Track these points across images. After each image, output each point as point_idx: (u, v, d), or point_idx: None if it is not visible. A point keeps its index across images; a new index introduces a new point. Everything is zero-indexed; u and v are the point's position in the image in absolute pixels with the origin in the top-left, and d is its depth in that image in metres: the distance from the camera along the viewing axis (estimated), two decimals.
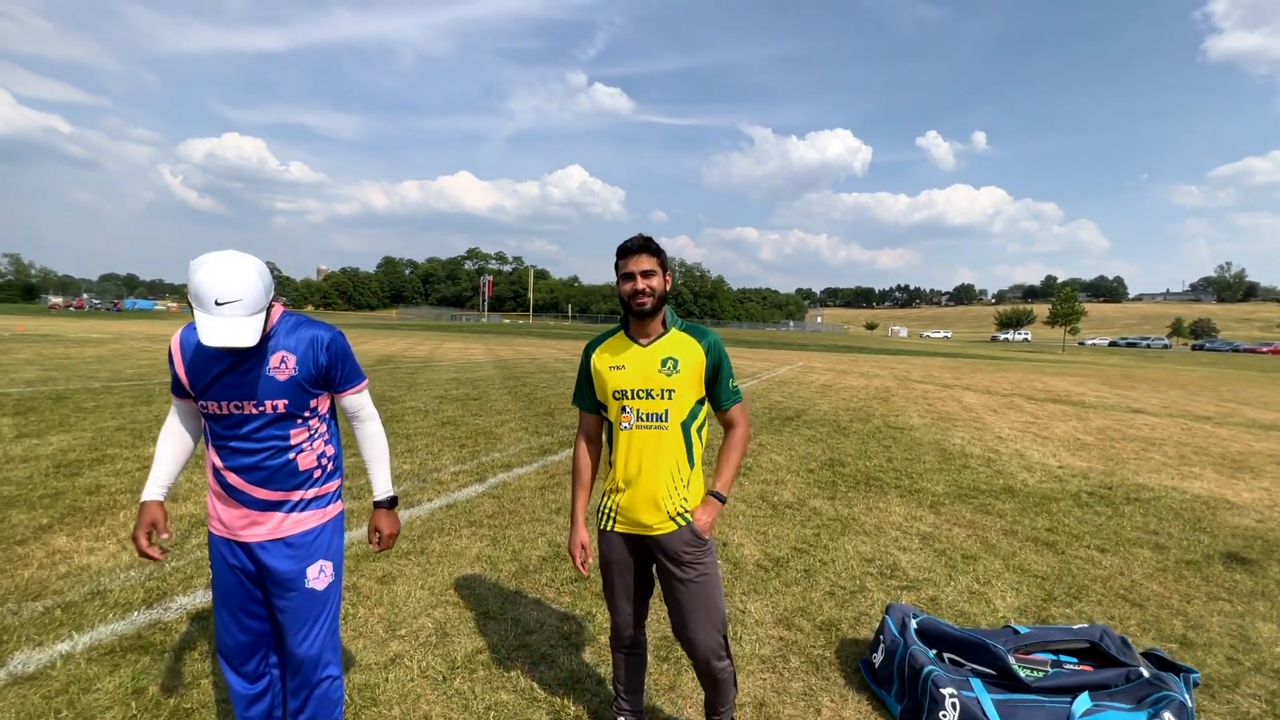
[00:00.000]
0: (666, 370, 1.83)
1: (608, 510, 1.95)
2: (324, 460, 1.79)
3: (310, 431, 1.75)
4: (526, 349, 23.47)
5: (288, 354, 1.67)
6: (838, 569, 3.61)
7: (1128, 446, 8.01)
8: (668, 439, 1.84)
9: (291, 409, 1.69)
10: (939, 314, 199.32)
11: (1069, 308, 59.12)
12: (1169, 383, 19.91)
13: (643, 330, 1.89)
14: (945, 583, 3.48)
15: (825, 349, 36.18)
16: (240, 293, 1.48)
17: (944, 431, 8.52)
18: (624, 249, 1.83)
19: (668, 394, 1.83)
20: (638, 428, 1.84)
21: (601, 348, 1.96)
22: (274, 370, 1.65)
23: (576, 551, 1.96)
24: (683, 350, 1.86)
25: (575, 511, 1.99)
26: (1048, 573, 3.69)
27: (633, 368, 1.86)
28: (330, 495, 1.82)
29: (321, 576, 1.77)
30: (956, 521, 4.59)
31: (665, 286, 1.85)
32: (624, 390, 1.86)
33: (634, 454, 1.85)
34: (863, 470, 6.03)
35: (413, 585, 3.13)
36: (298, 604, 1.74)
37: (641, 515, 1.86)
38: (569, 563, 3.50)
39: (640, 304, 1.82)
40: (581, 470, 2.02)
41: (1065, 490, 5.64)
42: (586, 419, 2.02)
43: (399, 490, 4.65)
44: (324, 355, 1.74)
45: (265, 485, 1.69)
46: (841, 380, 15.64)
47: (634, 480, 1.86)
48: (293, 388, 1.68)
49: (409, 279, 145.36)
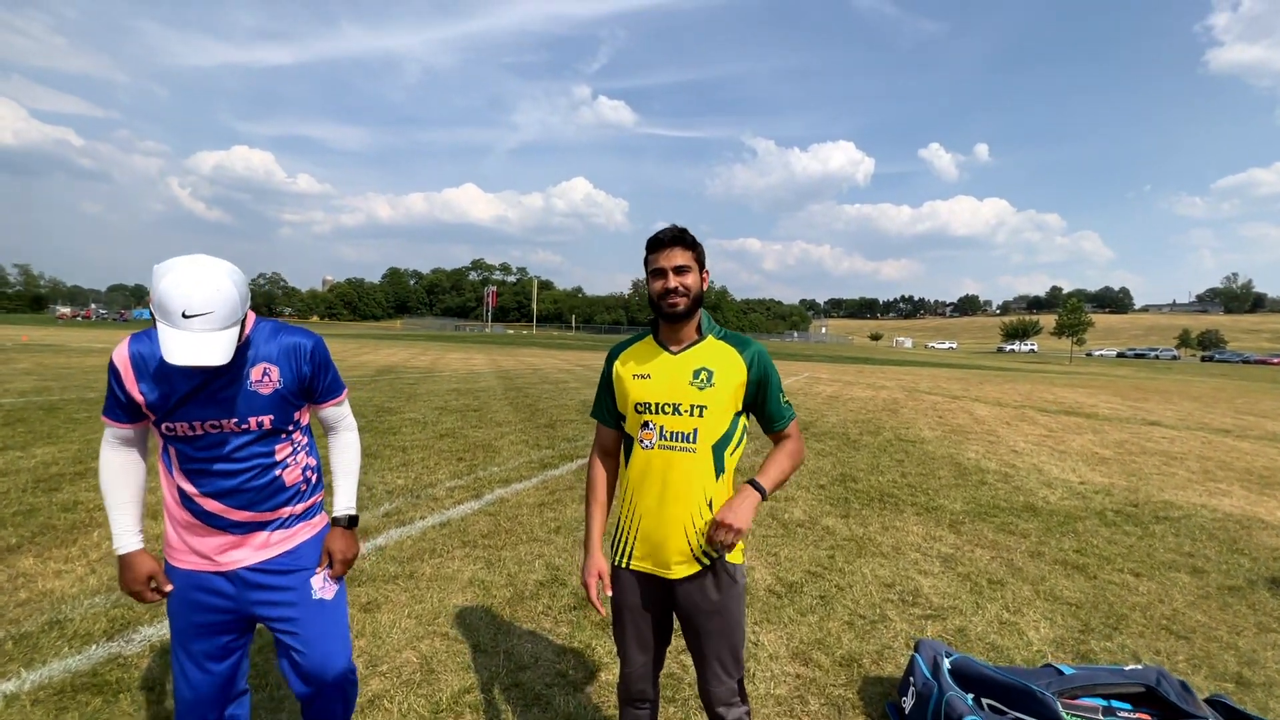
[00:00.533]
0: (699, 383, 1.59)
1: (622, 544, 1.68)
2: (309, 473, 1.67)
3: (294, 445, 1.61)
4: (529, 359, 23.29)
5: (269, 365, 1.52)
6: (856, 595, 3.37)
7: (1149, 461, 7.73)
8: (695, 463, 1.57)
9: (277, 424, 1.55)
10: (943, 325, 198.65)
11: (1076, 319, 58.74)
12: (1182, 394, 19.56)
13: (674, 336, 1.65)
14: (972, 611, 3.23)
15: (830, 360, 35.90)
16: (211, 303, 1.30)
17: (957, 445, 8.25)
18: (655, 241, 1.61)
19: (699, 410, 1.58)
20: (661, 447, 1.59)
21: (626, 353, 1.72)
22: (256, 384, 1.50)
23: (592, 582, 1.67)
24: (720, 361, 1.62)
25: (590, 534, 1.73)
26: (1081, 600, 3.43)
27: (660, 378, 1.62)
28: (317, 507, 1.72)
29: (327, 586, 1.66)
30: (978, 542, 4.34)
31: (701, 286, 1.62)
32: (648, 403, 1.61)
33: (654, 478, 1.60)
34: (876, 486, 5.78)
35: (399, 614, 2.91)
36: (309, 619, 1.60)
37: (660, 552, 1.60)
38: (567, 588, 3.27)
39: (672, 305, 1.58)
40: (597, 486, 1.77)
41: (1089, 508, 5.37)
42: (604, 433, 1.78)
43: (391, 506, 4.44)
44: (306, 365, 1.59)
45: (249, 507, 1.54)
46: (848, 391, 15.38)
47: (652, 510, 1.60)
48: (278, 402, 1.54)
49: (414, 290, 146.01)
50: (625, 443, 1.71)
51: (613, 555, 1.72)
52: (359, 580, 3.19)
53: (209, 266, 1.34)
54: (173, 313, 1.28)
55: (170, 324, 1.29)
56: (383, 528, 4.01)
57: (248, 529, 1.55)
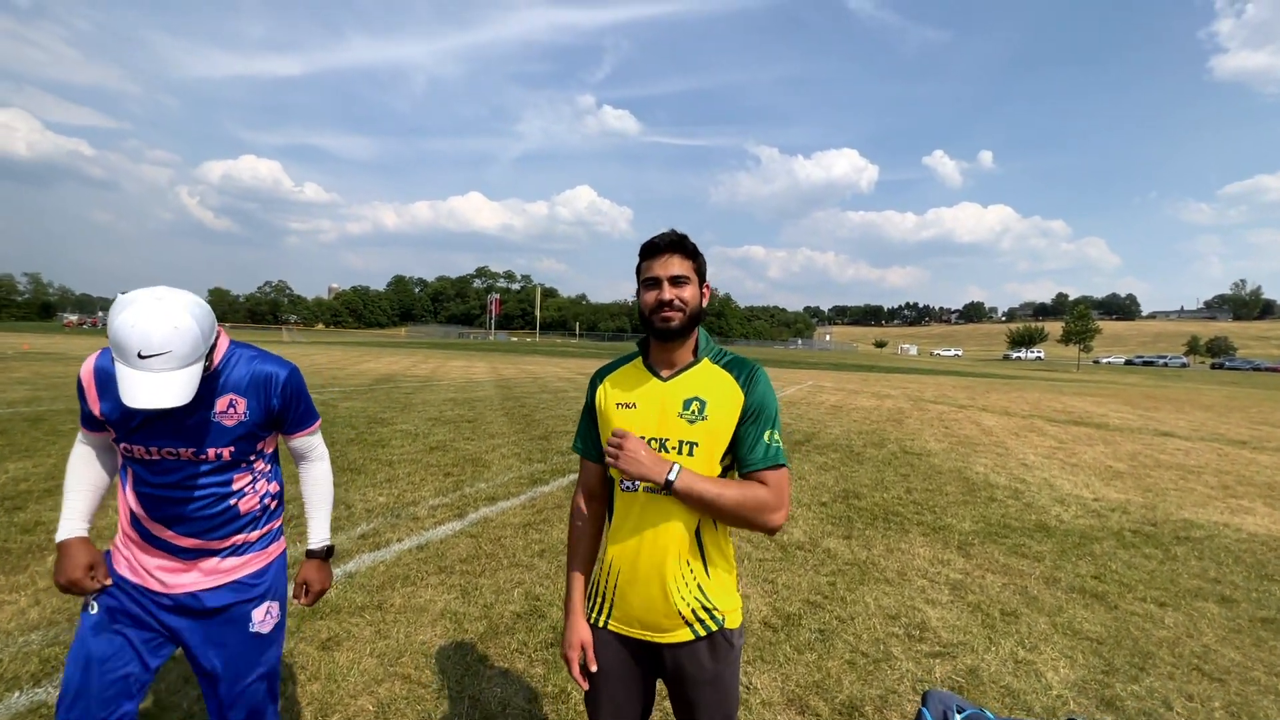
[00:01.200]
0: (689, 415, 1.35)
1: (600, 600, 1.45)
2: (268, 500, 1.60)
3: (253, 474, 1.55)
4: (530, 367, 23.10)
5: (237, 397, 1.47)
6: (858, 628, 3.13)
7: (1164, 475, 7.44)
8: (685, 510, 1.34)
9: (237, 456, 1.49)
10: (949, 332, 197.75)
11: (1083, 326, 58.23)
12: (1193, 403, 19.17)
13: (666, 358, 1.42)
14: (985, 648, 2.97)
15: (834, 367, 35.57)
16: (169, 343, 1.23)
17: (964, 458, 7.98)
18: (650, 246, 1.38)
19: (689, 448, 1.35)
20: (646, 489, 1.36)
21: (612, 378, 1.49)
22: (220, 415, 1.45)
23: (573, 655, 1.44)
24: (714, 388, 1.37)
25: (571, 596, 1.48)
26: (1103, 634, 3.17)
27: (647, 408, 1.39)
28: (272, 534, 1.64)
29: (268, 619, 1.59)
30: (989, 567, 4.08)
31: (701, 301, 1.39)
32: None
33: (637, 525, 1.37)
34: (880, 503, 5.53)
35: (360, 651, 2.68)
36: (236, 650, 1.53)
37: (644, 612, 1.37)
38: (546, 620, 3.04)
39: (665, 320, 1.35)
40: (579, 538, 1.52)
41: (1106, 527, 5.10)
42: (589, 471, 1.52)
43: (368, 527, 4.22)
44: (277, 399, 1.53)
45: (198, 536, 1.48)
46: (852, 401, 15.10)
47: (635, 561, 1.37)
48: (242, 434, 1.48)
49: (418, 297, 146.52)
50: (608, 484, 1.47)
51: (589, 610, 1.48)
52: (321, 614, 2.97)
53: (169, 301, 1.26)
54: (129, 352, 1.22)
55: (126, 364, 1.23)
56: (356, 551, 3.79)
57: (194, 555, 1.49)
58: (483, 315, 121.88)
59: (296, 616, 2.92)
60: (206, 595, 1.50)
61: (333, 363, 20.78)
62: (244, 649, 1.55)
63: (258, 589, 1.57)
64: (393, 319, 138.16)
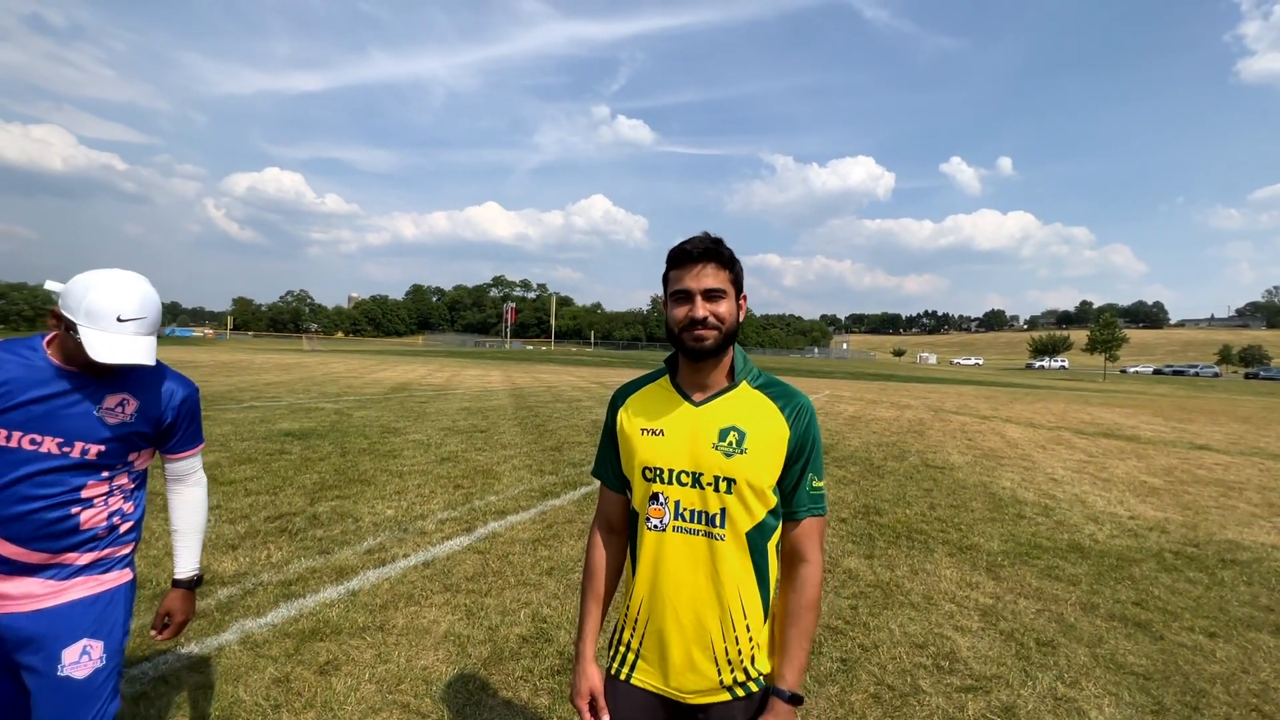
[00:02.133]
0: (727, 446, 1.19)
1: (622, 649, 1.29)
2: (115, 519, 1.45)
3: (110, 487, 1.43)
4: (545, 376, 23.10)
5: (130, 398, 1.42)
6: (882, 658, 2.94)
7: (1203, 491, 7.10)
8: (724, 556, 1.18)
9: (103, 459, 1.39)
10: (969, 340, 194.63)
11: (1109, 334, 56.83)
12: (1229, 415, 18.49)
13: (698, 380, 1.26)
14: (1020, 682, 2.77)
15: (852, 376, 35.08)
16: (145, 309, 1.35)
17: (990, 472, 7.71)
18: (680, 254, 1.21)
19: (727, 485, 1.18)
20: (676, 530, 1.21)
21: (635, 398, 1.33)
22: (105, 411, 1.39)
23: (582, 705, 1.29)
24: (754, 417, 1.22)
25: (583, 637, 1.34)
26: (1149, 669, 2.95)
27: (676, 436, 1.23)
28: (113, 561, 1.47)
29: (84, 661, 1.36)
30: (1021, 591, 3.86)
31: (738, 316, 1.23)
32: (659, 469, 1.23)
33: (668, 571, 1.21)
34: (903, 520, 5.32)
35: (359, 677, 2.57)
36: (48, 701, 1.33)
37: (675, 671, 1.21)
38: (553, 645, 2.91)
39: (699, 340, 1.19)
40: (595, 573, 1.36)
41: (1144, 548, 4.84)
42: (608, 500, 1.38)
43: (374, 542, 4.13)
44: (170, 413, 1.50)
45: (26, 543, 1.33)
46: (871, 411, 14.79)
47: (664, 613, 1.21)
48: (119, 436, 1.40)
49: (436, 306, 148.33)
50: (631, 518, 1.32)
51: (609, 660, 1.32)
52: (321, 635, 2.88)
53: (137, 278, 1.37)
54: (105, 317, 1.29)
55: (99, 328, 1.29)
56: (360, 568, 3.70)
57: (16, 570, 1.32)
58: (499, 324, 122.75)
59: (296, 638, 2.82)
60: (14, 620, 1.32)
61: (350, 371, 20.98)
62: (50, 695, 1.32)
63: (74, 620, 1.35)
64: (411, 327, 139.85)
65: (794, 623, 1.21)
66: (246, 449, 6.88)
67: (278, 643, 2.79)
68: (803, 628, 1.21)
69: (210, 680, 2.49)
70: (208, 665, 2.60)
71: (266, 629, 2.91)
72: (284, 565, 3.68)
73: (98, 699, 1.38)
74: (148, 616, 2.96)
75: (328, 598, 3.27)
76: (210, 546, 3.91)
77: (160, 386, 1.47)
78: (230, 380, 15.61)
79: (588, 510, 5.16)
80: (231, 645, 2.76)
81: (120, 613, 1.46)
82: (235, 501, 4.89)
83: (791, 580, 1.24)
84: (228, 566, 3.62)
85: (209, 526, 4.00)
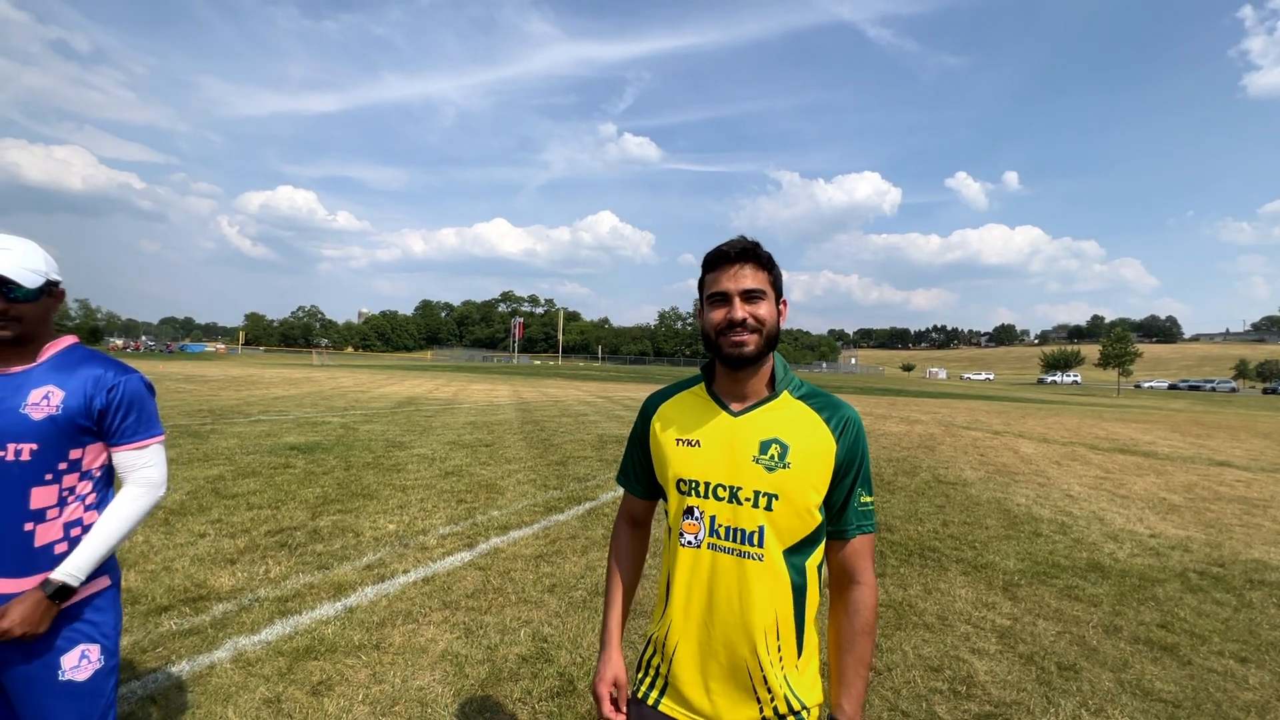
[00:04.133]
0: (769, 460, 1.12)
1: (650, 672, 1.22)
2: (75, 532, 1.37)
3: (60, 493, 1.35)
4: (552, 391, 23.07)
5: (55, 389, 1.34)
6: (896, 681, 2.83)
7: (1226, 509, 6.89)
8: (763, 577, 1.11)
9: (40, 457, 1.31)
10: (979, 355, 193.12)
11: (1122, 349, 56.12)
12: (1248, 430, 18.09)
13: (736, 389, 1.19)
14: (1042, 709, 2.64)
15: (861, 391, 34.78)
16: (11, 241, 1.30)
17: (1004, 488, 7.53)
18: (718, 256, 1.15)
19: (766, 500, 1.11)
20: (710, 547, 1.14)
21: (669, 406, 1.27)
22: (31, 407, 1.31)
23: (604, 691, 1.23)
24: (798, 430, 1.14)
25: (608, 626, 1.30)
26: (1178, 696, 2.81)
27: (714, 448, 1.16)
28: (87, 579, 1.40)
29: (84, 665, 1.37)
30: (1040, 612, 3.72)
31: (779, 320, 1.18)
32: (694, 482, 1.16)
33: (701, 590, 1.14)
34: (915, 538, 5.18)
35: (352, 697, 2.49)
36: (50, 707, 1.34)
37: (706, 701, 1.13)
38: (553, 666, 2.82)
39: (738, 345, 1.12)
40: (620, 563, 1.34)
41: (1167, 568, 4.67)
42: (634, 502, 1.36)
43: (374, 557, 4.06)
44: (101, 397, 1.38)
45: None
46: (881, 426, 14.60)
47: (696, 634, 1.15)
48: (49, 429, 1.32)
49: (444, 321, 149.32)
50: (665, 532, 1.26)
51: (636, 681, 1.25)
52: (316, 653, 2.80)
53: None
54: None
55: None
56: (359, 584, 3.63)
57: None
58: (507, 339, 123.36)
59: (289, 656, 2.75)
60: None
61: (358, 385, 21.05)
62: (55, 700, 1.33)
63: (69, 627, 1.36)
64: (419, 342, 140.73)
65: (849, 649, 1.14)
66: (251, 462, 6.86)
67: (271, 661, 2.71)
68: (859, 654, 1.14)
69: (199, 699, 2.42)
70: (198, 684, 2.53)
71: (260, 646, 2.84)
72: (282, 581, 3.61)
73: (100, 698, 1.41)
74: (140, 633, 2.90)
75: (324, 614, 3.20)
76: (208, 561, 3.85)
77: (89, 374, 1.39)
78: (239, 394, 15.69)
79: (592, 526, 5.07)
80: (224, 663, 2.69)
81: (110, 616, 1.46)
82: (236, 515, 4.84)
83: (845, 604, 1.18)
84: (225, 582, 3.56)
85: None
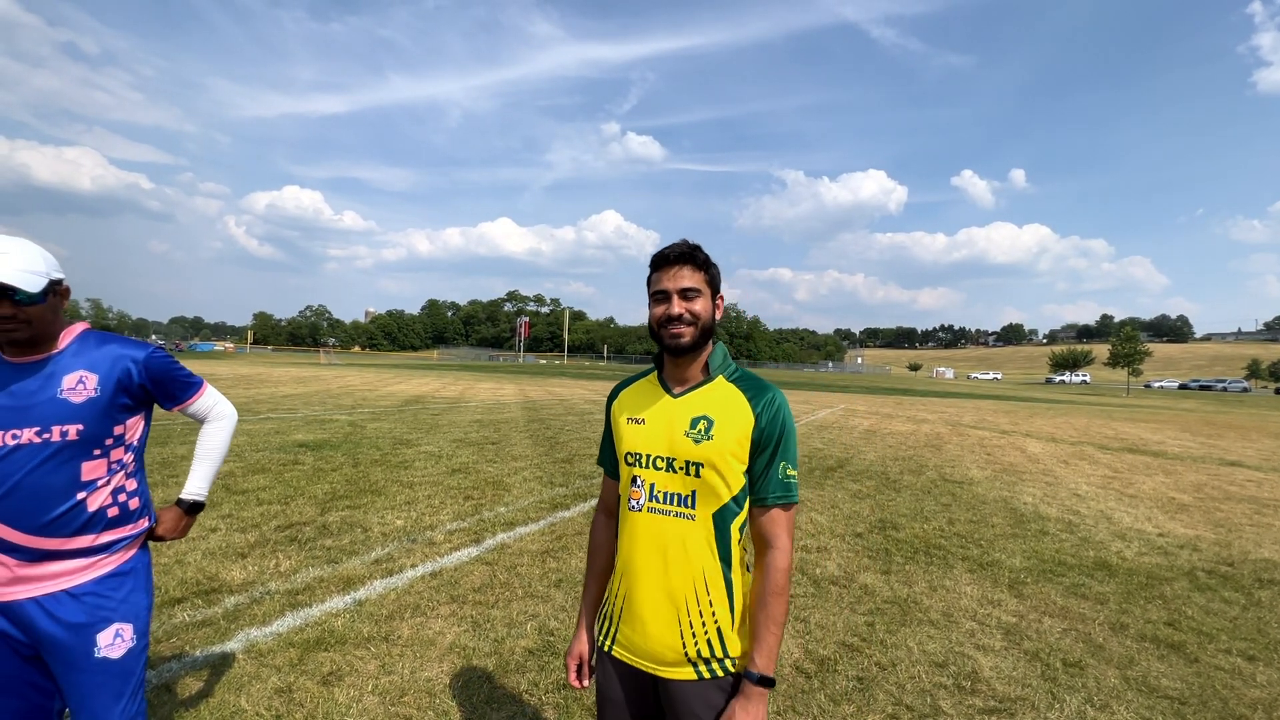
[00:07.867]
0: (696, 434, 1.29)
1: (605, 623, 1.41)
2: (122, 497, 1.47)
3: (109, 465, 1.45)
4: (557, 389, 23.12)
5: (88, 373, 1.42)
6: (900, 677, 2.84)
7: (1236, 509, 6.84)
8: (692, 535, 1.28)
9: (87, 435, 1.40)
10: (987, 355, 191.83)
11: (1131, 348, 55.61)
12: (1260, 430, 17.91)
13: (678, 374, 1.37)
14: (1047, 705, 2.65)
15: (867, 390, 34.66)
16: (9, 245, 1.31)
17: (1010, 487, 7.51)
18: (660, 258, 1.33)
19: (694, 468, 1.28)
20: (650, 510, 1.31)
21: (627, 392, 1.48)
22: (68, 392, 1.39)
23: (570, 663, 1.47)
24: (723, 407, 1.30)
25: (583, 609, 1.52)
26: (1184, 693, 2.81)
27: (655, 424, 1.34)
28: (129, 538, 1.51)
29: (118, 643, 1.43)
30: (1046, 609, 3.72)
31: (714, 315, 1.34)
32: (638, 454, 1.35)
33: (642, 548, 1.32)
34: (920, 535, 5.17)
35: (362, 688, 2.53)
36: (84, 682, 1.40)
37: (644, 641, 1.30)
38: (558, 658, 2.85)
39: (675, 336, 1.29)
40: (596, 551, 1.51)
41: (1175, 567, 4.65)
42: (608, 487, 1.52)
43: (382, 552, 4.10)
44: (138, 375, 1.49)
45: (39, 532, 1.35)
46: (887, 425, 14.56)
47: (637, 588, 1.32)
48: (93, 410, 1.40)
49: (450, 320, 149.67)
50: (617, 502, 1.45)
51: (598, 633, 1.44)
52: (326, 645, 2.84)
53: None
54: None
55: None
56: (368, 577, 3.67)
57: (34, 557, 1.35)
58: (513, 338, 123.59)
59: (300, 648, 2.79)
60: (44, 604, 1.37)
61: (365, 384, 21.17)
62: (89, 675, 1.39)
63: (105, 603, 1.43)
64: (426, 342, 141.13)
65: (762, 607, 1.26)
66: (260, 459, 6.93)
67: (282, 652, 2.76)
68: (770, 613, 1.25)
69: (212, 689, 2.47)
70: (211, 673, 2.57)
71: (271, 638, 2.88)
72: (292, 574, 3.66)
73: (132, 676, 1.46)
74: (154, 624, 2.94)
75: (334, 607, 3.24)
76: (220, 555, 3.91)
77: (114, 355, 1.46)
78: (248, 393, 15.82)
79: None
80: (236, 654, 2.73)
81: (143, 596, 1.52)
82: (247, 511, 4.90)
83: (760, 566, 1.29)
84: (236, 575, 3.61)
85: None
